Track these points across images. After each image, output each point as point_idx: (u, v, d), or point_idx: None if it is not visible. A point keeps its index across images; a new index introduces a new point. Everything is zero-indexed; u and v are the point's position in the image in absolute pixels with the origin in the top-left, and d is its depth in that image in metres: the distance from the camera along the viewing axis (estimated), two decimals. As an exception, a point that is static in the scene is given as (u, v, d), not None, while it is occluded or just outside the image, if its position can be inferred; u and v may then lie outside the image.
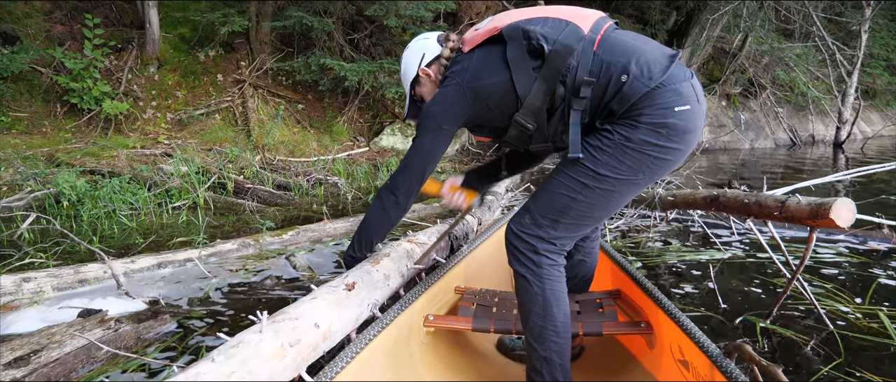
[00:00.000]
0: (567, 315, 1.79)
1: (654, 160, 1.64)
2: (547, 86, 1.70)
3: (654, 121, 1.60)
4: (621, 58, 1.65)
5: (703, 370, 1.71)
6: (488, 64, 1.80)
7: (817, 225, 2.27)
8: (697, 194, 3.47)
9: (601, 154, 1.66)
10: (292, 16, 8.13)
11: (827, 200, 2.19)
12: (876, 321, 2.80)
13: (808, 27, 12.43)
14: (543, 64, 1.70)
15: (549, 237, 1.75)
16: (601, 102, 1.67)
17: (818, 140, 13.68)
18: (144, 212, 4.99)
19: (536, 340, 1.78)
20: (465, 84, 1.81)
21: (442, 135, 1.87)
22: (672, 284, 3.36)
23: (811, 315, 2.85)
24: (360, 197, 6.02)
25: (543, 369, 1.77)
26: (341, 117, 8.97)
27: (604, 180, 1.67)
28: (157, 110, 7.82)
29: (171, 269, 3.48)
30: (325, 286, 1.88)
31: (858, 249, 4.08)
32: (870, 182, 7.48)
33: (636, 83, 1.61)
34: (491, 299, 2.47)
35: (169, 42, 8.62)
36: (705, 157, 10.60)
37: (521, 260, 1.79)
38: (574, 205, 1.71)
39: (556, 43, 1.68)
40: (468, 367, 2.35)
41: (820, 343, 2.57)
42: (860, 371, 2.32)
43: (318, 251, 4.01)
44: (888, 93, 15.19)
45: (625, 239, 4.37)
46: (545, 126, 1.78)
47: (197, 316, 2.83)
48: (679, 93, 1.61)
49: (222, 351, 1.28)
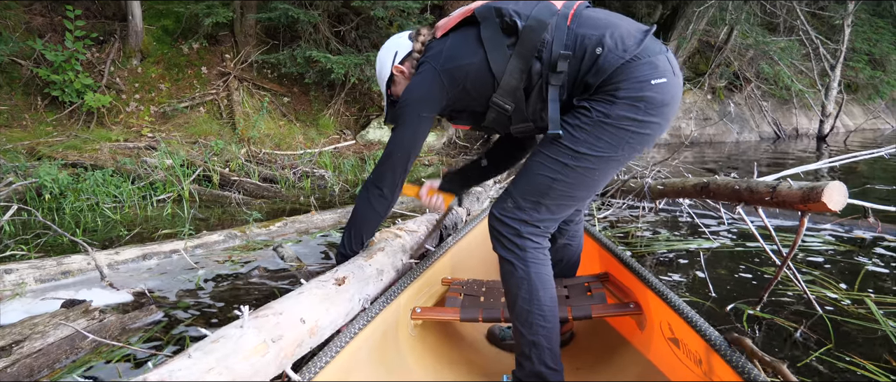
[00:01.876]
0: (554, 298, 1.78)
1: (632, 135, 1.63)
2: (523, 63, 1.70)
3: (632, 95, 1.59)
4: (595, 31, 1.65)
5: (693, 345, 1.71)
6: (463, 45, 1.79)
7: (809, 210, 2.28)
8: (687, 182, 3.47)
9: (580, 132, 1.65)
10: (277, 7, 8.06)
11: (819, 184, 2.19)
12: (863, 307, 2.82)
13: (793, 21, 12.50)
14: (517, 40, 1.69)
15: (533, 220, 1.74)
16: (577, 76, 1.66)
17: (802, 133, 13.78)
18: (128, 205, 4.93)
19: (524, 325, 1.76)
20: (439, 67, 1.80)
21: (421, 122, 1.85)
22: (661, 273, 3.37)
23: (800, 300, 2.87)
24: (347, 190, 5.99)
25: (532, 354, 1.75)
26: (328, 110, 8.91)
27: (584, 158, 1.65)
28: (140, 103, 7.73)
29: (157, 261, 3.43)
30: (314, 280, 1.85)
31: (844, 237, 4.11)
32: (852, 173, 7.56)
33: (611, 55, 1.61)
34: (478, 289, 2.45)
35: (152, 34, 8.51)
36: (691, 151, 10.65)
37: (505, 245, 1.77)
38: (555, 186, 1.70)
39: (530, 18, 1.68)
40: (458, 358, 2.33)
41: (809, 329, 2.58)
42: (849, 356, 2.33)
43: (305, 242, 3.97)
44: (870, 87, 15.32)
45: (614, 229, 4.37)
46: (524, 105, 1.77)
47: (182, 307, 2.79)
48: (654, 65, 1.61)
49: (201, 347, 1.24)
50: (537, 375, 1.75)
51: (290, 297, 1.67)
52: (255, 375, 1.32)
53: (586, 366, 2.21)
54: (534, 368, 1.75)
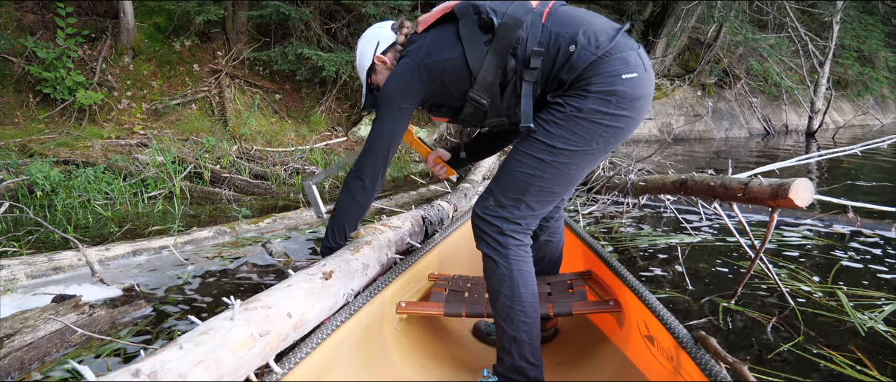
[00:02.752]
0: (535, 295, 1.83)
1: (605, 128, 1.69)
2: (498, 60, 1.75)
3: (603, 90, 1.65)
4: (569, 28, 1.71)
5: (666, 342, 1.77)
6: (442, 41, 1.84)
7: (778, 206, 2.35)
8: (667, 179, 3.54)
9: (554, 127, 1.70)
10: (269, 5, 8.08)
11: (786, 181, 2.26)
12: (835, 299, 2.90)
13: (782, 18, 12.58)
14: (494, 37, 1.74)
15: (514, 217, 1.79)
16: (551, 73, 1.72)
17: (791, 129, 13.89)
18: (119, 202, 4.97)
19: (505, 320, 1.81)
20: (418, 61, 1.84)
21: (401, 114, 1.89)
22: (643, 267, 3.44)
23: (774, 293, 2.94)
24: (337, 186, 6.03)
25: (513, 349, 1.80)
26: (319, 107, 8.94)
27: (560, 153, 1.71)
28: (132, 100, 7.75)
29: (147, 257, 3.48)
30: (301, 273, 1.87)
31: (821, 232, 4.19)
32: (838, 169, 7.65)
33: (584, 52, 1.66)
34: (463, 284, 2.50)
35: (144, 31, 8.53)
36: (681, 147, 10.73)
37: (487, 242, 1.82)
38: (534, 182, 1.75)
39: (506, 15, 1.73)
40: (443, 352, 2.37)
41: (781, 322, 2.65)
42: (818, 347, 2.41)
43: (294, 238, 4.03)
44: (859, 83, 15.43)
45: (598, 224, 4.44)
46: (499, 100, 1.82)
47: (171, 302, 2.85)
48: (626, 61, 1.67)
49: (191, 338, 1.27)
50: (517, 369, 1.80)
51: (278, 289, 1.68)
52: (238, 369, 1.34)
53: (567, 361, 2.26)
54: (514, 363, 1.80)
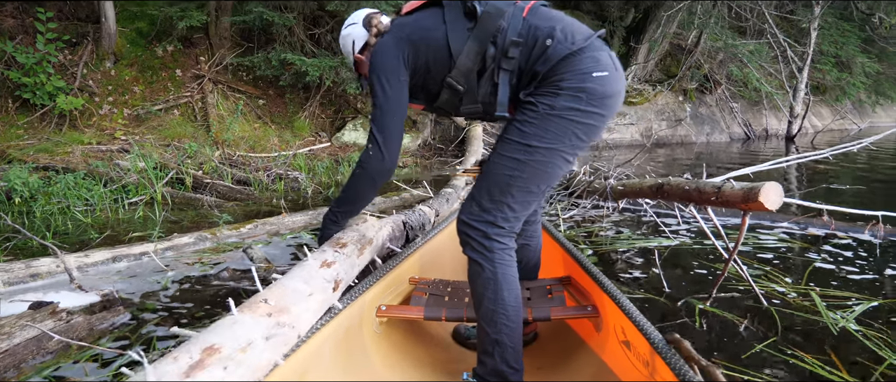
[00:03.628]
0: (518, 299, 1.85)
1: (578, 125, 1.74)
2: (479, 46, 1.82)
3: (574, 87, 1.71)
4: (548, 23, 1.79)
5: (641, 347, 1.80)
6: (426, 21, 1.92)
7: (749, 209, 2.39)
8: (645, 183, 3.59)
9: (528, 126, 1.75)
10: (252, 11, 8.09)
11: (756, 184, 2.31)
12: (808, 300, 2.95)
13: (761, 25, 12.77)
14: (476, 24, 1.82)
15: (498, 220, 1.82)
16: (527, 63, 1.79)
17: (771, 134, 14.08)
18: (100, 208, 4.94)
19: (488, 323, 1.83)
20: (403, 36, 1.91)
21: (392, 83, 1.92)
22: (622, 270, 3.48)
23: (750, 295, 2.99)
24: (320, 191, 6.04)
25: (495, 352, 1.81)
26: (303, 112, 8.94)
27: (535, 151, 1.75)
28: (113, 106, 7.71)
29: (127, 263, 3.47)
30: (320, 279, 1.86)
31: (797, 235, 4.26)
32: (816, 173, 7.77)
33: (559, 46, 1.74)
34: (444, 288, 2.52)
35: (126, 36, 8.49)
36: (663, 151, 10.84)
37: (473, 247, 1.85)
38: (514, 183, 1.79)
39: (489, 4, 1.83)
40: (423, 356, 2.38)
41: (756, 323, 2.70)
42: (791, 348, 2.45)
43: (275, 243, 4.03)
44: (837, 88, 15.67)
45: (579, 228, 4.48)
46: (475, 87, 1.88)
47: (150, 308, 2.85)
48: (597, 59, 1.74)
49: (233, 357, 1.27)
50: (498, 373, 1.82)
51: (300, 300, 1.68)
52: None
53: (546, 366, 2.28)
54: (496, 366, 1.82)
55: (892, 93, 18.04)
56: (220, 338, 1.28)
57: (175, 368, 1.14)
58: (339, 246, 2.14)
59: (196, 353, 1.20)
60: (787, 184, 6.84)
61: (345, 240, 2.21)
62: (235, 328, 1.35)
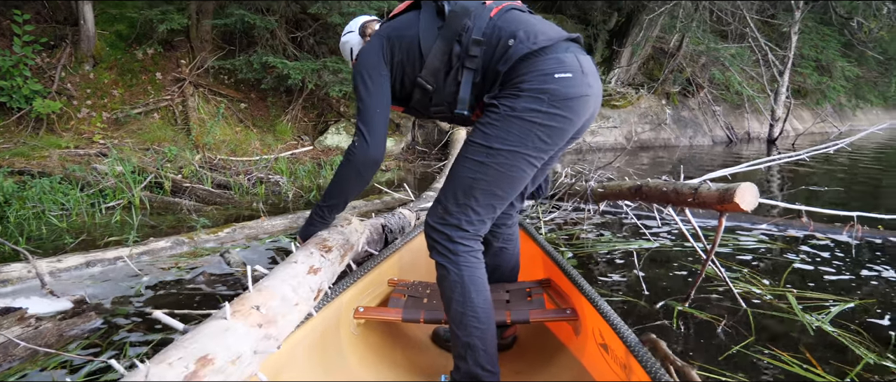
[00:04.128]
0: (488, 301, 1.84)
1: (540, 127, 1.72)
2: (445, 45, 1.84)
3: (535, 88, 1.70)
4: (513, 25, 1.80)
5: (619, 351, 1.79)
6: (405, 21, 1.96)
7: (726, 210, 2.39)
8: (624, 185, 3.59)
9: (490, 128, 1.74)
10: (234, 14, 8.03)
11: (732, 186, 2.31)
12: (785, 301, 2.96)
13: (742, 28, 12.88)
14: (444, 24, 1.84)
15: (462, 223, 1.81)
16: (490, 63, 1.80)
17: (753, 137, 14.21)
18: (76, 213, 4.86)
19: (458, 327, 1.81)
20: (383, 33, 1.96)
21: (374, 78, 1.93)
22: (602, 273, 3.47)
23: (728, 296, 3.00)
24: (301, 195, 6.00)
25: (468, 355, 1.80)
26: (285, 116, 8.89)
27: (498, 153, 1.74)
28: (92, 109, 7.61)
29: (101, 268, 3.41)
30: (308, 286, 1.84)
31: (776, 236, 4.28)
32: (796, 175, 7.84)
33: (520, 46, 1.74)
34: (423, 290, 2.50)
35: (105, 39, 8.39)
36: (647, 154, 10.89)
37: (439, 250, 1.84)
38: (477, 185, 1.78)
39: (457, 5, 1.85)
40: (401, 358, 2.37)
41: (733, 324, 2.70)
42: (768, 348, 2.46)
43: (254, 247, 3.98)
44: (817, 92, 15.87)
45: (560, 231, 4.48)
46: (442, 87, 1.89)
47: (122, 314, 2.80)
48: (560, 61, 1.72)
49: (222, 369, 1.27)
50: (472, 376, 1.80)
51: (288, 310, 1.64)
52: None
53: (525, 369, 2.26)
54: (469, 369, 1.80)
55: (872, 97, 18.29)
56: (213, 347, 1.25)
57: (171, 374, 1.13)
58: (325, 251, 2.10)
59: (191, 363, 1.17)
60: (767, 187, 6.89)
61: (330, 244, 2.18)
62: (228, 336, 1.32)
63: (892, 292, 3.14)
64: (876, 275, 3.40)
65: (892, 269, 3.50)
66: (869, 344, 2.50)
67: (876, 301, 3.01)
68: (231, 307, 1.42)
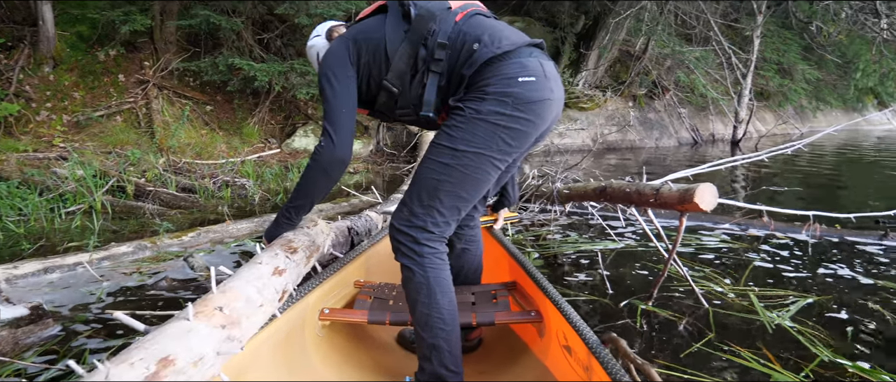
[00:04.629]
0: (453, 302, 1.85)
1: (504, 130, 1.75)
2: (411, 49, 1.86)
3: (499, 91, 1.73)
4: (477, 30, 1.83)
5: (581, 353, 1.81)
6: (371, 24, 1.97)
7: (686, 210, 2.44)
8: (589, 186, 3.63)
9: (455, 130, 1.76)
10: (199, 15, 7.91)
11: (692, 186, 2.36)
12: (746, 299, 3.03)
13: (707, 32, 13.12)
14: (410, 27, 1.86)
15: (427, 225, 1.81)
16: (455, 67, 1.82)
17: (718, 138, 14.45)
18: (34, 218, 4.74)
19: (423, 328, 1.82)
20: (349, 36, 1.96)
21: (339, 78, 1.93)
22: (568, 273, 3.51)
23: (690, 295, 3.05)
24: (268, 198, 5.93)
25: (433, 356, 1.81)
26: (252, 118, 8.79)
27: (463, 155, 1.75)
28: (51, 112, 7.43)
29: (60, 274, 3.34)
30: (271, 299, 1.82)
31: (738, 235, 4.37)
32: (758, 175, 8.00)
33: (485, 50, 1.77)
34: (389, 292, 2.51)
35: (65, 40, 8.20)
36: (614, 156, 11.01)
37: (404, 252, 1.84)
38: (442, 187, 1.79)
39: (422, 8, 1.87)
40: (366, 359, 2.36)
41: (695, 322, 2.75)
42: (729, 345, 2.51)
43: (218, 252, 3.93)
44: (779, 94, 16.20)
45: (527, 232, 4.51)
46: (408, 89, 1.90)
47: (81, 320, 2.74)
48: (523, 65, 1.76)
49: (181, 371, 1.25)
50: (437, 377, 1.81)
51: (252, 311, 1.62)
52: None
53: (489, 370, 2.28)
54: (434, 370, 1.81)
55: (831, 99, 18.73)
56: (175, 348, 1.24)
57: (131, 375, 1.12)
58: (291, 252, 2.09)
59: (152, 364, 1.17)
60: (730, 187, 7.03)
61: (296, 245, 2.16)
62: (190, 337, 1.31)
63: (848, 289, 3.23)
64: (832, 273, 3.49)
65: (847, 267, 3.59)
66: (826, 340, 2.57)
67: (832, 297, 3.09)
68: (194, 308, 1.41)
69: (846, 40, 15.65)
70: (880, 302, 3.03)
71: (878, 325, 2.74)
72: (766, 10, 13.35)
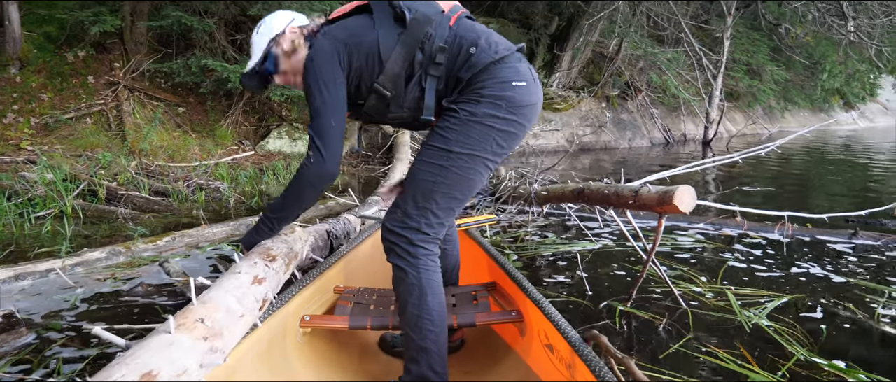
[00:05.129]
0: (442, 304, 1.86)
1: (498, 132, 1.79)
2: (407, 52, 1.85)
3: (494, 94, 1.77)
4: (472, 34, 1.85)
5: (564, 351, 1.83)
6: (359, 25, 1.92)
7: (665, 211, 2.47)
8: (567, 188, 3.66)
9: (450, 132, 1.78)
10: (170, 15, 7.79)
11: (671, 188, 2.39)
12: (723, 298, 3.07)
13: (678, 33, 13.28)
14: (405, 30, 1.85)
15: (422, 227, 1.82)
16: (452, 70, 1.84)
17: (689, 138, 14.66)
18: (2, 223, 4.63)
19: (413, 330, 1.83)
20: (339, 39, 1.88)
21: (330, 87, 1.86)
22: (546, 274, 3.53)
23: (668, 295, 3.09)
24: (243, 201, 5.88)
25: (421, 358, 1.82)
26: (225, 120, 8.69)
27: (458, 157, 1.78)
28: (19, 114, 7.27)
29: (31, 281, 3.26)
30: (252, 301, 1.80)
31: (712, 235, 4.44)
32: (730, 176, 8.13)
33: (483, 54, 1.80)
34: (369, 297, 2.50)
35: (32, 41, 8.03)
36: (588, 157, 11.11)
37: (398, 253, 1.84)
38: (437, 189, 1.80)
39: (418, 12, 1.86)
40: (348, 365, 2.36)
41: (674, 322, 2.78)
42: (706, 346, 2.54)
43: (195, 256, 3.88)
44: (749, 95, 16.50)
45: (505, 234, 4.53)
46: (402, 93, 1.89)
47: (56, 328, 2.68)
48: (517, 70, 1.81)
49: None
50: (423, 379, 1.82)
51: (232, 322, 1.60)
52: None
53: (473, 371, 2.29)
54: (421, 372, 1.82)
55: (799, 99, 19.14)
56: (157, 362, 1.23)
57: None
58: (270, 260, 2.07)
59: (135, 378, 1.15)
60: (704, 187, 7.13)
61: (274, 253, 2.14)
62: (173, 350, 1.30)
63: (820, 287, 3.30)
64: (805, 272, 3.56)
65: (819, 266, 3.67)
66: (801, 337, 2.62)
67: (806, 295, 3.15)
68: (175, 320, 1.40)
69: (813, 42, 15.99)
70: (852, 299, 3.11)
71: (851, 323, 2.80)
72: (736, 12, 13.60)
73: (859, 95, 22.84)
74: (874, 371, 2.32)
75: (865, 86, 22.11)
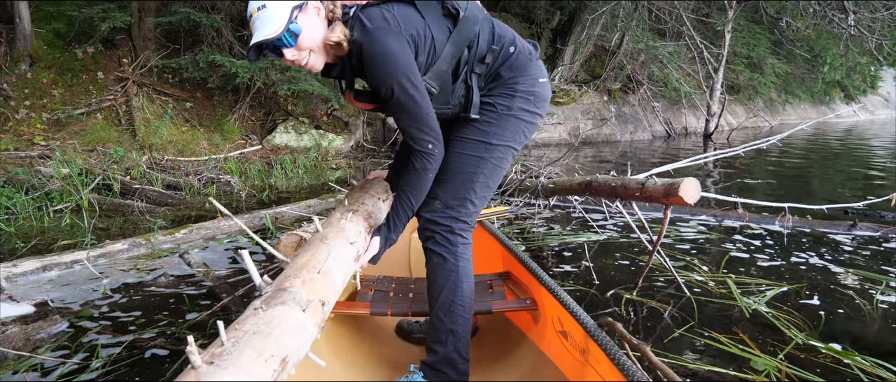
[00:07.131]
0: (472, 291, 1.97)
1: (526, 125, 1.94)
2: (455, 50, 1.84)
3: (527, 90, 1.90)
4: (508, 33, 1.95)
5: (578, 337, 1.93)
6: (411, 18, 1.78)
7: (671, 203, 2.58)
8: (573, 181, 3.77)
9: (488, 126, 1.90)
10: (178, 12, 7.90)
11: (677, 180, 2.50)
12: (725, 287, 3.19)
13: (679, 27, 13.34)
14: (455, 28, 1.83)
15: (461, 216, 1.92)
16: (493, 68, 1.91)
17: (690, 132, 14.74)
18: (22, 216, 4.75)
19: (446, 313, 1.92)
20: (402, 32, 1.73)
21: (415, 80, 1.73)
22: (554, 264, 3.64)
23: (672, 284, 3.20)
24: (254, 195, 5.99)
25: (448, 341, 1.92)
26: (232, 115, 8.79)
27: (495, 148, 1.90)
28: (31, 110, 7.38)
29: (58, 272, 3.38)
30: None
31: (714, 226, 4.55)
32: (732, 168, 8.23)
33: (521, 54, 1.91)
34: (388, 285, 2.60)
35: (42, 38, 8.13)
36: (590, 150, 11.21)
37: (437, 241, 1.92)
38: (477, 179, 1.91)
39: (468, 10, 1.85)
40: (369, 351, 2.45)
41: (678, 310, 2.90)
42: (709, 331, 2.66)
43: (212, 248, 4.00)
44: (750, 88, 16.56)
45: (512, 225, 4.64)
46: (449, 90, 1.88)
47: (87, 316, 2.80)
48: (540, 68, 1.97)
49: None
50: (449, 361, 1.92)
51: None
52: None
53: (487, 358, 2.38)
54: (447, 354, 1.92)
55: (800, 93, 19.20)
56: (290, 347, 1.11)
57: (265, 373, 0.99)
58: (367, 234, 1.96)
59: (276, 363, 1.04)
60: (706, 179, 7.24)
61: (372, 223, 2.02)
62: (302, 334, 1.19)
63: (819, 276, 3.41)
64: (804, 262, 3.68)
65: (817, 256, 3.78)
66: (799, 323, 2.74)
67: (805, 285, 3.27)
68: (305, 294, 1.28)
69: (814, 35, 16.02)
70: (850, 287, 3.22)
71: (848, 310, 2.92)
72: (737, 6, 13.65)
73: (860, 88, 22.93)
74: (871, 354, 2.43)
75: (866, 78, 22.20)
